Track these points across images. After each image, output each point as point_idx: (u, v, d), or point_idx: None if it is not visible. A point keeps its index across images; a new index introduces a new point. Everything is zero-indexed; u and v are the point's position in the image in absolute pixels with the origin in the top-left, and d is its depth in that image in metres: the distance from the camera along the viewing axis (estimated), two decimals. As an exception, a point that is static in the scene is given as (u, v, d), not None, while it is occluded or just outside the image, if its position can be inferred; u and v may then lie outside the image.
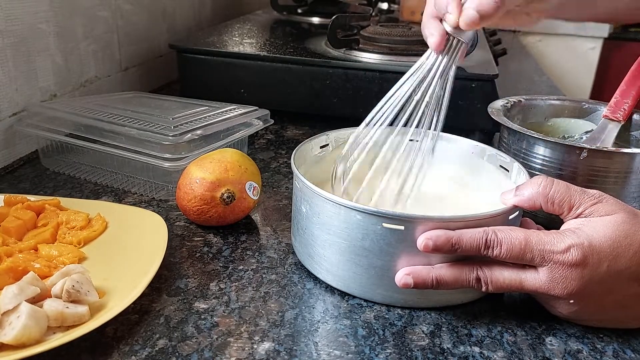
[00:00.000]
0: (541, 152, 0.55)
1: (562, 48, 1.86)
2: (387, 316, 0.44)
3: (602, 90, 1.85)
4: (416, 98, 0.47)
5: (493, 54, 0.98)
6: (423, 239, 0.40)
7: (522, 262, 0.40)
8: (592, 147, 0.52)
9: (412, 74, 0.48)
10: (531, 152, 0.56)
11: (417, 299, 0.44)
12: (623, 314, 0.42)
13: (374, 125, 0.48)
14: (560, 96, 0.70)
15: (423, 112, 0.47)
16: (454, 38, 0.47)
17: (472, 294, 0.45)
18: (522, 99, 0.66)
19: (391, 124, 0.48)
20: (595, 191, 0.41)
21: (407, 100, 0.48)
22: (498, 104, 0.64)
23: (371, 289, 0.44)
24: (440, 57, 0.48)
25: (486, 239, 0.40)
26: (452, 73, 0.48)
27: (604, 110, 0.63)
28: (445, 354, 0.40)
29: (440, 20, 0.47)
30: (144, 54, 1.00)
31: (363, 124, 0.49)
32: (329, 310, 0.44)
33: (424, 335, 0.42)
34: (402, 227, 0.41)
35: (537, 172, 0.55)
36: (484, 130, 0.80)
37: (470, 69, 0.81)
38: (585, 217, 0.41)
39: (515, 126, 0.57)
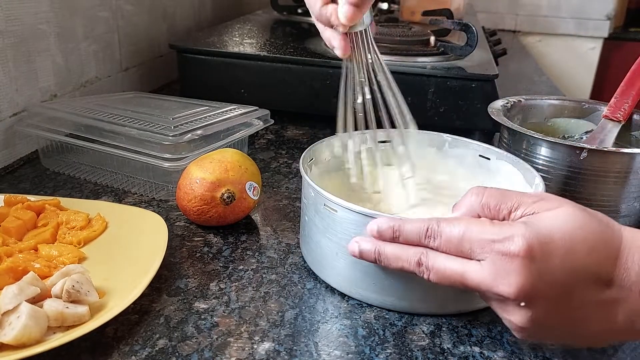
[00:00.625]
0: (541, 152, 0.55)
1: (562, 48, 1.86)
2: (387, 316, 0.44)
3: (602, 90, 1.85)
4: (361, 100, 0.47)
5: (493, 54, 0.98)
6: (369, 225, 0.40)
7: (462, 254, 0.37)
8: (592, 147, 0.52)
9: (345, 82, 0.48)
10: (531, 152, 0.56)
11: (419, 305, 0.44)
12: (584, 327, 0.36)
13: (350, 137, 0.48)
14: (560, 96, 0.70)
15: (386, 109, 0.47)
16: (354, 32, 0.47)
17: (473, 304, 0.45)
18: (522, 99, 0.66)
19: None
20: (537, 192, 0.39)
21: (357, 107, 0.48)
22: (498, 104, 0.64)
23: (374, 293, 0.44)
24: (357, 55, 0.47)
25: (427, 228, 0.38)
26: (380, 58, 0.47)
27: (604, 110, 0.63)
28: (445, 354, 0.40)
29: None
30: (144, 54, 1.00)
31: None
32: (329, 310, 0.44)
33: (424, 335, 0.42)
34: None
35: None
36: (484, 130, 0.80)
37: (470, 69, 0.81)
38: (530, 214, 0.37)
39: (515, 126, 0.57)
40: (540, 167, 0.55)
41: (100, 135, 0.62)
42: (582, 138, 0.64)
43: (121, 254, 0.48)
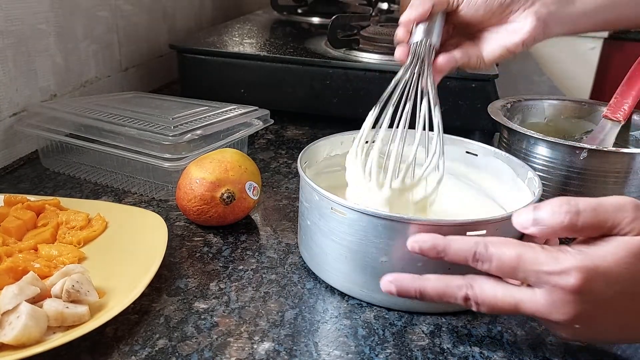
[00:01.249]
0: (541, 152, 0.55)
1: (562, 48, 1.86)
2: (387, 316, 0.44)
3: (602, 90, 1.85)
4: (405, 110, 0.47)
5: (493, 54, 0.98)
6: (411, 242, 0.39)
7: (516, 279, 0.36)
8: (592, 147, 0.52)
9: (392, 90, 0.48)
10: (531, 152, 0.56)
11: (422, 305, 0.44)
12: (629, 332, 0.38)
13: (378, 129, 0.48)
14: (560, 96, 0.70)
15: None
16: (422, 45, 0.49)
17: None
18: (522, 99, 0.66)
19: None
20: (631, 204, 0.35)
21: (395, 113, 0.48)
22: (498, 104, 0.64)
23: (373, 293, 0.44)
24: (413, 67, 0.48)
25: (475, 252, 0.37)
26: (430, 81, 0.48)
27: (604, 110, 0.63)
28: (445, 354, 0.40)
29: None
30: (144, 54, 1.00)
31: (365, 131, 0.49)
32: (329, 310, 0.44)
33: (424, 335, 0.42)
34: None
35: (537, 172, 0.55)
36: (484, 130, 0.80)
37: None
38: (623, 234, 0.35)
39: (515, 126, 0.57)
40: (540, 167, 0.55)
41: (100, 135, 0.62)
42: (582, 138, 0.64)
43: (121, 254, 0.48)
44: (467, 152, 0.55)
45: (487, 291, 0.37)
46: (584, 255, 0.34)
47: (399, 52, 0.50)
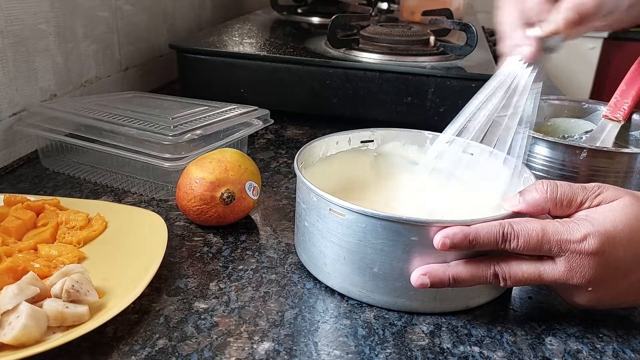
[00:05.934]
0: (541, 152, 0.55)
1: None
2: (387, 316, 0.44)
3: (602, 90, 1.85)
4: (507, 113, 0.47)
5: (493, 53, 0.98)
6: (440, 238, 0.39)
7: (540, 253, 0.39)
8: (592, 147, 0.52)
9: (497, 87, 0.47)
10: (531, 152, 0.56)
11: (422, 305, 0.44)
12: (638, 295, 0.41)
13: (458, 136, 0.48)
14: (560, 96, 0.70)
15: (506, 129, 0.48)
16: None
17: (476, 300, 0.45)
18: (522, 99, 0.66)
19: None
20: (593, 184, 0.41)
21: (490, 114, 0.47)
22: (498, 104, 0.64)
23: (373, 293, 0.44)
24: (529, 68, 0.47)
25: (503, 232, 0.39)
26: (538, 86, 0.48)
27: (604, 110, 0.63)
28: (445, 354, 0.40)
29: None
30: (144, 54, 1.00)
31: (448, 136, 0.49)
32: (329, 310, 0.44)
33: (423, 335, 0.42)
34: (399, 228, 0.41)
35: (537, 172, 0.55)
36: (484, 130, 0.80)
37: (470, 69, 0.81)
38: (594, 207, 0.40)
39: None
40: (540, 167, 0.55)
41: (100, 135, 0.62)
42: (582, 138, 0.64)
43: (121, 254, 0.48)
44: (463, 152, 0.55)
45: (513, 266, 0.40)
46: (592, 222, 0.39)
47: (535, 50, 0.47)
